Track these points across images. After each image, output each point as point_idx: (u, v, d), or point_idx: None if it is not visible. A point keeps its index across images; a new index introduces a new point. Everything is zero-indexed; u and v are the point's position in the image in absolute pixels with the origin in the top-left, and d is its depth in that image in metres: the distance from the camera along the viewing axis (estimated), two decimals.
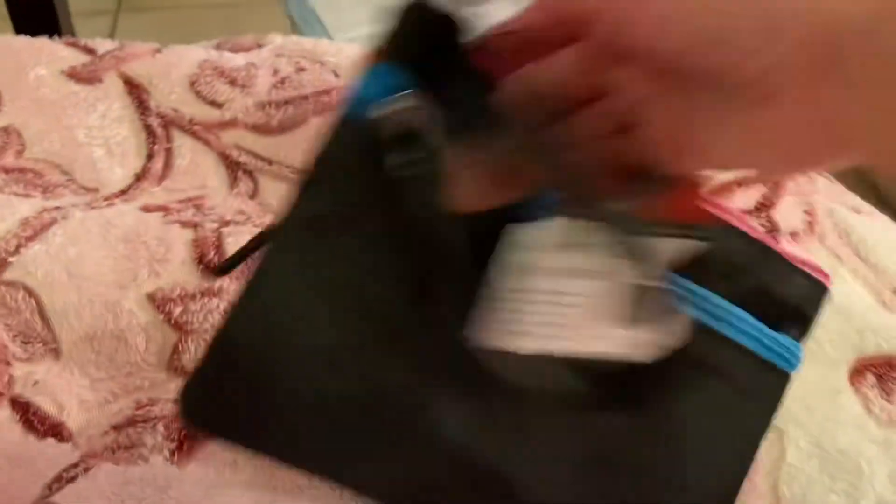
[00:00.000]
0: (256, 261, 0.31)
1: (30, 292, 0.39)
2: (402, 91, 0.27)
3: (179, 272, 0.42)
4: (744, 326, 0.32)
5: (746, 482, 0.35)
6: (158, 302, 0.40)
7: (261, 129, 0.50)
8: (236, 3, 1.44)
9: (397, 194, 0.28)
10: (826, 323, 0.40)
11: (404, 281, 0.30)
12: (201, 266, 0.42)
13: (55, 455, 0.33)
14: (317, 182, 0.30)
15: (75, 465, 0.32)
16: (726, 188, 0.47)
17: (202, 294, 0.41)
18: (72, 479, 0.32)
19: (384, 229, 0.29)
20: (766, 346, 0.32)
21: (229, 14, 1.40)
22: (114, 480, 0.33)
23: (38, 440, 0.35)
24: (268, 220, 0.46)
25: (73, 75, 0.52)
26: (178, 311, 0.40)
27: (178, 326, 0.39)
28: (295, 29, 1.40)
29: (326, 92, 0.50)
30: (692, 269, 0.31)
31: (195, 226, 0.44)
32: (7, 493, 0.32)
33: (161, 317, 0.40)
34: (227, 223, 0.45)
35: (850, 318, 0.41)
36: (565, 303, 0.29)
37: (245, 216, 0.47)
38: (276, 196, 0.48)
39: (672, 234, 0.30)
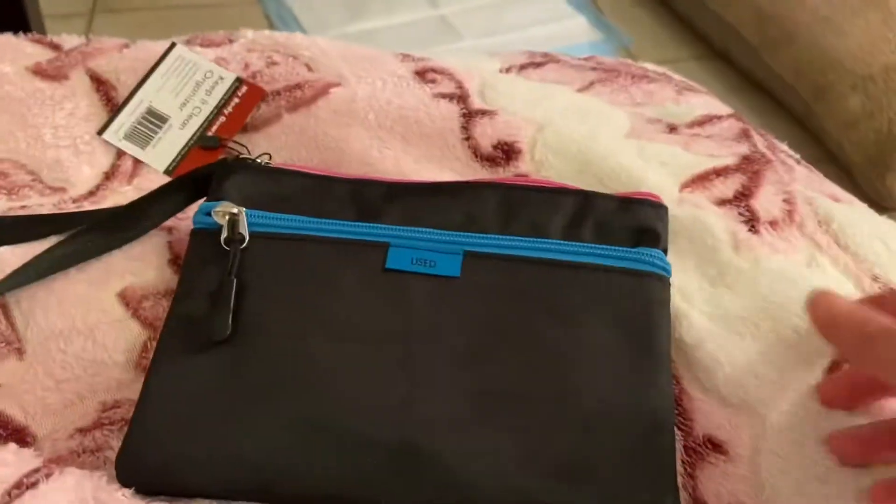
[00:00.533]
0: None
1: None
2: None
3: (154, 273, 0.41)
4: (595, 251, 0.38)
5: (728, 466, 0.34)
6: (129, 299, 0.39)
7: None
8: (213, 4, 1.42)
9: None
10: (802, 315, 0.40)
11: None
12: (177, 267, 0.41)
13: (17, 461, 0.32)
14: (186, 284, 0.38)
15: (36, 471, 0.31)
16: (704, 177, 0.47)
17: (174, 293, 0.40)
18: (33, 485, 0.31)
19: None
20: (622, 258, 0.38)
21: (206, 14, 1.39)
22: (79, 485, 0.31)
23: (0, 445, 0.33)
24: None
25: (39, 72, 0.51)
26: (148, 305, 0.39)
27: (149, 323, 0.38)
28: (273, 29, 1.38)
29: (299, 86, 0.49)
30: (537, 226, 0.39)
31: (170, 228, 0.43)
32: None
33: (130, 313, 0.39)
34: None
35: None
36: None
37: None
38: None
39: None
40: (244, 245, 0.38)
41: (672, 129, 0.51)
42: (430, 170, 0.47)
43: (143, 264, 0.41)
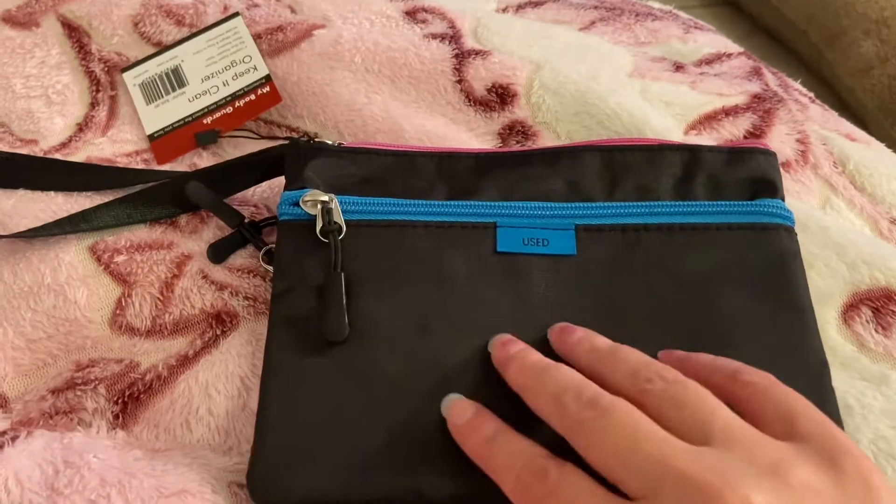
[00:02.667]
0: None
1: None
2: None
3: (126, 227, 0.39)
4: (713, 209, 0.35)
5: None
6: (100, 253, 0.37)
7: None
8: None
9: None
10: (813, 261, 0.37)
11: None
12: (149, 222, 0.39)
13: None
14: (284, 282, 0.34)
15: (3, 434, 0.30)
16: (712, 117, 0.44)
17: (149, 246, 0.38)
18: None
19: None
20: (743, 213, 0.35)
21: None
22: (47, 448, 0.30)
23: None
24: None
25: (9, 20, 0.48)
26: (121, 259, 0.37)
27: (122, 279, 0.36)
28: None
29: (280, 29, 0.47)
30: (642, 189, 0.36)
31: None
32: None
33: (102, 268, 0.37)
34: None
35: (843, 253, 0.37)
36: None
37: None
38: (230, 146, 0.45)
39: None
40: (342, 235, 0.34)
41: (678, 67, 0.48)
42: (420, 115, 0.44)
43: None
